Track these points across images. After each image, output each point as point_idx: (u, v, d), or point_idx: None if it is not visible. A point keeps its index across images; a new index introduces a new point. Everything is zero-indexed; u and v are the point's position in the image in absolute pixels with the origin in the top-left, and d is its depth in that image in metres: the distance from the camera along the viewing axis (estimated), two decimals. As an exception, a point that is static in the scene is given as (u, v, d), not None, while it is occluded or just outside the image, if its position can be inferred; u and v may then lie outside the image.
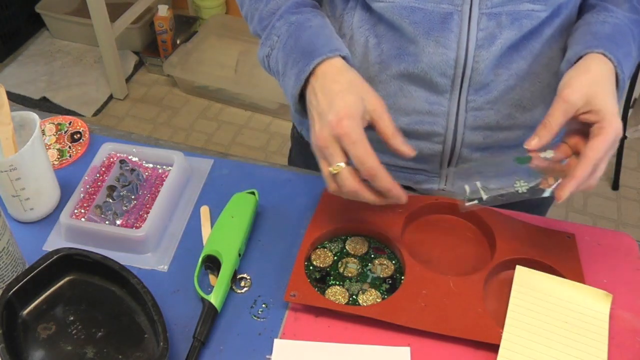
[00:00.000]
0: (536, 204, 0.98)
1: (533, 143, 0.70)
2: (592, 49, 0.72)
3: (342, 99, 0.70)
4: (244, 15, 0.87)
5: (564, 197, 0.68)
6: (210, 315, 0.75)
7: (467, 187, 0.76)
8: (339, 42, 0.76)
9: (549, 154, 0.71)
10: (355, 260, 0.81)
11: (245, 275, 0.81)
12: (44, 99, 2.56)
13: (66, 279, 0.76)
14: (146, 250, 0.83)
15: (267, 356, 0.73)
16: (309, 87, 0.74)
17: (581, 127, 0.71)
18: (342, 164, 0.69)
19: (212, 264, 0.80)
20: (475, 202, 0.75)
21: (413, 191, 0.93)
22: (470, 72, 0.77)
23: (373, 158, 0.69)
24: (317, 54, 0.73)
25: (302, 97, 0.76)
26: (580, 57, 0.73)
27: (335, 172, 0.70)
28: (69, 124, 1.01)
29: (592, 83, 0.69)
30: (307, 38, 0.76)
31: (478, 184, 0.76)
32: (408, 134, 0.84)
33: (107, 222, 0.84)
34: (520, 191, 0.74)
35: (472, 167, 0.84)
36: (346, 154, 0.70)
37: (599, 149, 0.67)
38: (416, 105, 0.81)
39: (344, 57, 0.74)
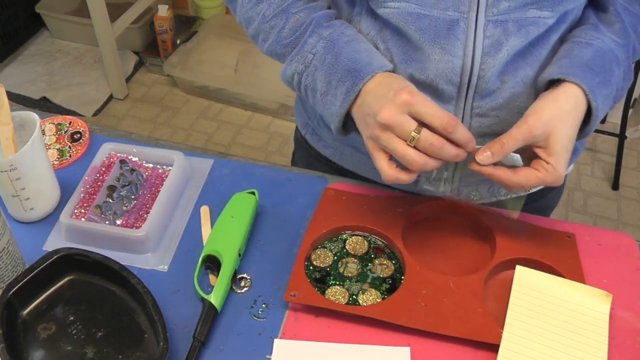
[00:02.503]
0: (539, 208, 0.97)
1: (485, 157, 0.71)
2: (566, 76, 0.73)
3: (403, 84, 0.72)
4: (253, 34, 0.86)
5: (481, 160, 0.71)
6: (210, 315, 0.75)
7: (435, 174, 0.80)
8: (380, 57, 0.77)
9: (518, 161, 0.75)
10: (355, 260, 0.82)
11: (245, 275, 0.81)
12: (44, 99, 2.56)
13: (66, 279, 0.76)
14: (146, 250, 0.83)
15: (267, 356, 0.73)
16: (356, 104, 0.75)
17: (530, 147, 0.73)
18: (419, 129, 0.69)
19: (212, 264, 0.80)
20: (432, 189, 0.80)
21: (415, 194, 0.93)
22: (476, 79, 0.77)
23: (446, 112, 0.69)
24: (364, 73, 0.74)
25: (346, 116, 0.77)
26: (554, 80, 0.74)
27: (416, 137, 0.69)
28: (69, 124, 1.01)
29: (556, 117, 0.71)
30: (347, 55, 0.76)
31: (446, 174, 0.80)
32: None
33: (107, 222, 0.84)
34: (473, 198, 0.83)
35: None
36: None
37: (529, 182, 0.71)
38: None
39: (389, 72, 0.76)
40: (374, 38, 0.80)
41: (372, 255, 0.82)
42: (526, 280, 0.77)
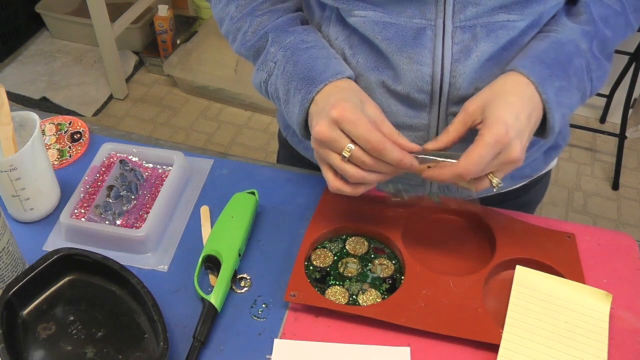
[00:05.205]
0: (523, 203, 0.97)
1: (430, 145, 0.71)
2: (514, 67, 0.72)
3: (340, 98, 0.70)
4: (224, 34, 0.87)
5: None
6: (210, 315, 0.75)
7: (390, 186, 0.84)
8: (337, 64, 0.76)
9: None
10: (355, 260, 0.82)
11: (245, 275, 0.81)
12: (44, 99, 2.56)
13: (66, 279, 0.76)
14: (146, 250, 0.83)
15: (267, 356, 0.73)
16: (310, 111, 0.74)
17: None
18: (352, 145, 0.68)
19: (212, 264, 0.80)
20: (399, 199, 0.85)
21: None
22: (447, 86, 0.76)
23: (376, 133, 0.68)
24: (318, 81, 0.73)
25: (305, 123, 0.76)
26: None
27: (348, 154, 0.68)
28: (69, 124, 1.01)
29: (492, 95, 0.70)
30: (305, 63, 0.76)
31: (399, 186, 0.84)
32: None
33: (107, 222, 0.84)
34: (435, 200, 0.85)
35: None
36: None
37: (472, 158, 0.67)
38: (397, 120, 0.79)
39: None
40: (341, 44, 0.79)
41: (372, 255, 0.82)
42: (526, 280, 0.77)
